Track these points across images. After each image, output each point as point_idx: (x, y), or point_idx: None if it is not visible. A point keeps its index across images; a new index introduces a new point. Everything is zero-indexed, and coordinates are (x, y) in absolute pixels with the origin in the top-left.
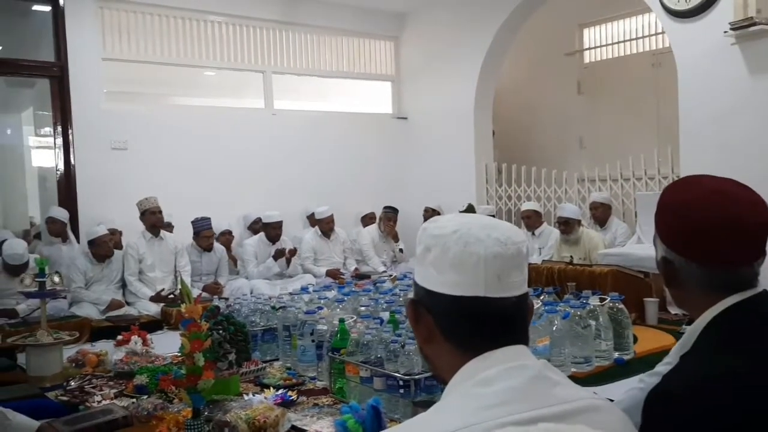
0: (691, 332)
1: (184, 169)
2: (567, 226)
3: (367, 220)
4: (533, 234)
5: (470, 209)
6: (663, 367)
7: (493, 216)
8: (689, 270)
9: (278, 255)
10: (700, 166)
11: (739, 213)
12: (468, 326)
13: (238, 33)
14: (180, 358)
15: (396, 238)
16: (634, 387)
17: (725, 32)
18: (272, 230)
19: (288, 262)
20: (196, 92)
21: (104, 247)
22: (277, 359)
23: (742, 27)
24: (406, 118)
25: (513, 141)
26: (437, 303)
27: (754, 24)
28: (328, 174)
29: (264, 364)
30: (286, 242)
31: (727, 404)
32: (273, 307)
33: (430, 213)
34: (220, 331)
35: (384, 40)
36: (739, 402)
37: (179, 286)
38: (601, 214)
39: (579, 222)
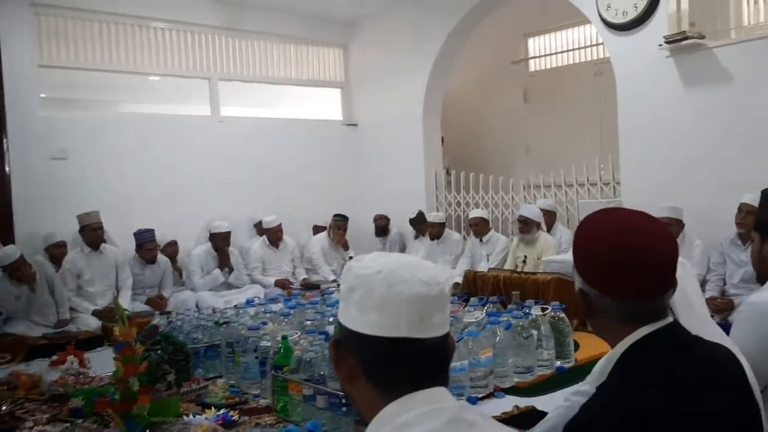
0: (608, 361)
1: (127, 179)
2: (525, 225)
3: (319, 229)
4: (481, 241)
5: (420, 216)
6: (585, 387)
7: (443, 223)
8: (604, 302)
9: (223, 264)
10: (637, 174)
11: (647, 247)
12: (389, 368)
13: (182, 39)
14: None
15: (346, 247)
16: (561, 405)
17: (660, 45)
18: (220, 241)
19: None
20: (141, 99)
21: (23, 271)
22: (221, 376)
23: (675, 41)
24: (356, 125)
25: (462, 148)
26: (359, 344)
27: (687, 38)
28: (276, 182)
29: (206, 382)
30: (233, 253)
31: None
32: (216, 323)
33: (381, 221)
34: (159, 351)
35: (333, 47)
36: None
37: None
38: (546, 220)
39: (538, 225)
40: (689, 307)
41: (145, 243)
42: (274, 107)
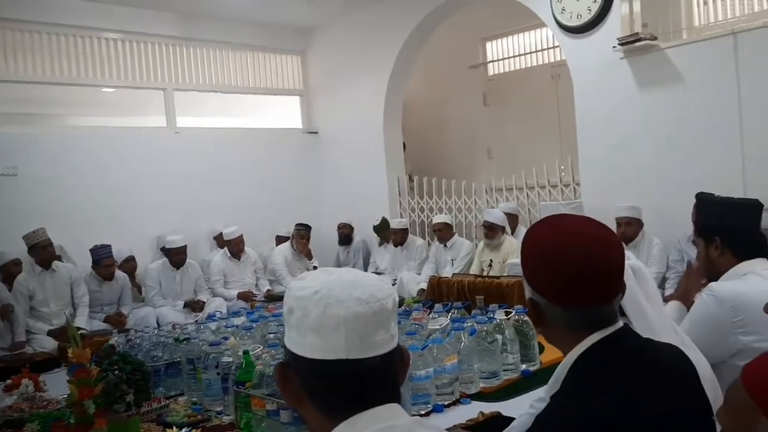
0: (561, 370)
1: (81, 194)
2: (491, 230)
3: (282, 240)
4: (445, 246)
5: (384, 223)
6: (547, 394)
7: (407, 229)
8: (553, 311)
9: (190, 306)
10: (596, 174)
11: (594, 254)
12: (333, 390)
13: (135, 50)
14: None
15: (309, 256)
16: (525, 413)
17: (614, 47)
18: (175, 256)
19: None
20: (94, 112)
21: None
22: (182, 394)
23: (629, 42)
24: (316, 133)
25: (424, 153)
26: (302, 366)
27: (640, 39)
28: (237, 192)
29: (168, 401)
30: (193, 266)
31: None
32: (177, 339)
33: (345, 229)
34: (116, 372)
35: (290, 54)
36: None
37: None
38: (509, 223)
39: (503, 228)
40: (641, 312)
41: (102, 259)
42: (233, 117)
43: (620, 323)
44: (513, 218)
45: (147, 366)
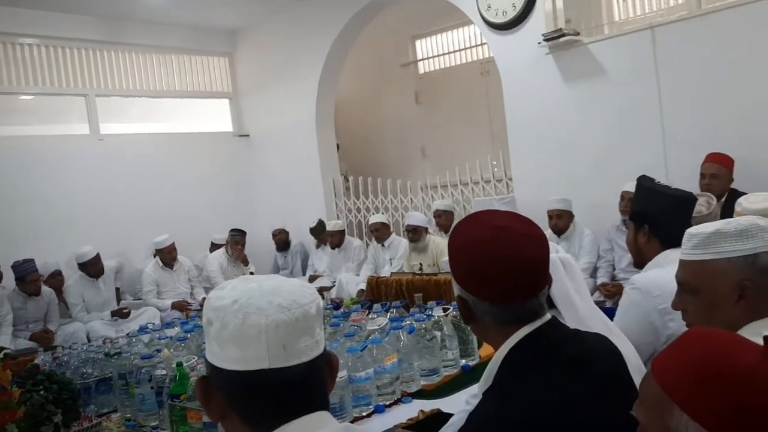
0: (492, 365)
1: (1, 207)
2: (415, 233)
3: (216, 246)
4: (383, 246)
5: (320, 225)
6: (480, 390)
7: (343, 231)
8: (482, 307)
9: (118, 314)
10: (527, 169)
11: (518, 249)
12: (257, 402)
13: (53, 55)
14: None
15: (246, 262)
16: (462, 410)
17: (539, 43)
18: (91, 267)
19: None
20: (11, 120)
21: None
22: (116, 411)
23: (553, 38)
24: (248, 136)
25: (358, 153)
26: (224, 379)
27: (564, 35)
28: (168, 199)
29: (100, 419)
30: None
31: None
32: (107, 354)
33: (281, 235)
34: (41, 392)
35: (217, 56)
36: None
37: None
38: (444, 221)
39: (426, 229)
40: (571, 304)
41: (27, 274)
42: (160, 122)
43: (548, 316)
44: (449, 215)
45: (76, 384)
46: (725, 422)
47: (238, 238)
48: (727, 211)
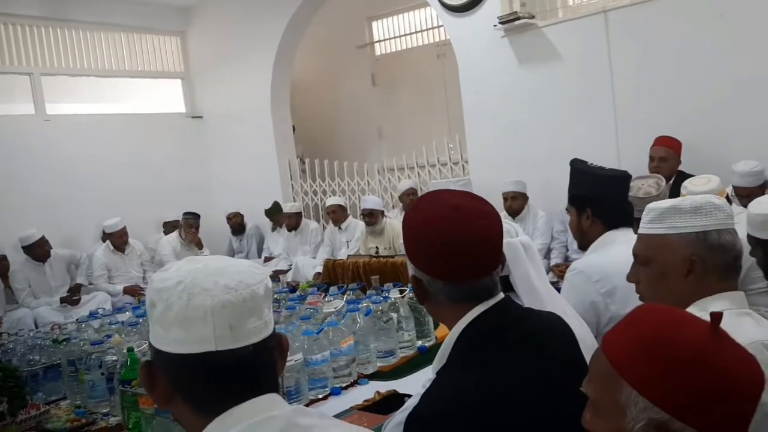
0: (446, 344)
1: None
2: (371, 217)
3: (170, 227)
4: (340, 228)
5: (275, 207)
6: (433, 370)
7: (300, 213)
8: (436, 286)
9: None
10: (483, 151)
11: (471, 227)
12: (203, 385)
13: None
14: None
15: (200, 245)
16: (418, 393)
17: (495, 26)
18: (37, 249)
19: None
20: None
21: None
22: (65, 398)
23: (508, 21)
24: (201, 117)
25: (314, 135)
26: (169, 363)
27: (519, 18)
28: (118, 182)
29: (48, 407)
30: (57, 258)
31: (471, 423)
32: (55, 341)
33: (236, 218)
34: None
35: (168, 35)
36: (483, 417)
37: None
38: (411, 202)
39: (382, 212)
40: (532, 289)
41: None
42: (109, 102)
43: (501, 295)
44: (415, 194)
45: (22, 371)
46: (673, 397)
47: (191, 221)
48: (675, 193)
